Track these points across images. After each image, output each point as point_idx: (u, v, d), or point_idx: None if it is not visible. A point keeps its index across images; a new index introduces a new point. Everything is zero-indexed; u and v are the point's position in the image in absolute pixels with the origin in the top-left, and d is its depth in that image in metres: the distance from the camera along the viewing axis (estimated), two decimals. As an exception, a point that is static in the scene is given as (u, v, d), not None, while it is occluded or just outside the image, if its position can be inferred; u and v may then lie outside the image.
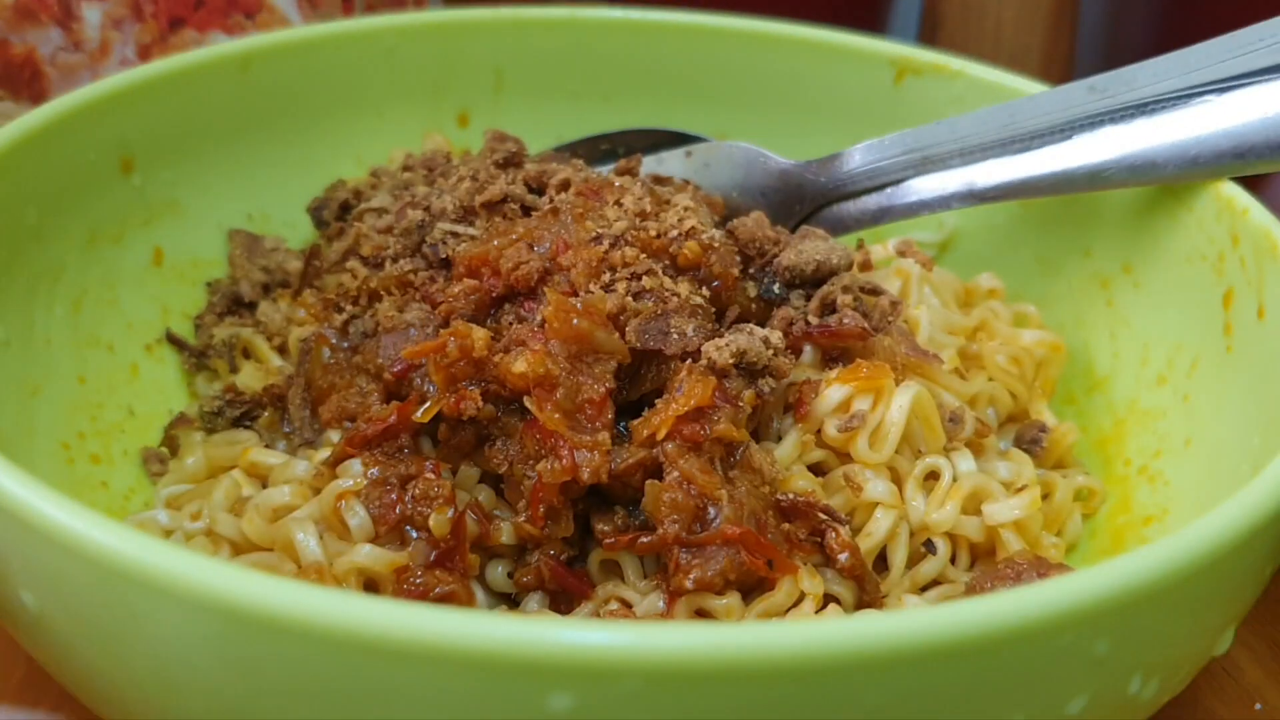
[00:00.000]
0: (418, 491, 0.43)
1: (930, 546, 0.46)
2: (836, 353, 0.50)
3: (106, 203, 0.53)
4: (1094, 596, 0.28)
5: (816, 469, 0.48)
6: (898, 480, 0.47)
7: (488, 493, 0.45)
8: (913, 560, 0.47)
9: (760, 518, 0.43)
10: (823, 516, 0.44)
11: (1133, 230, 0.55)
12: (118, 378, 0.52)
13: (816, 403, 0.47)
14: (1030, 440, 0.52)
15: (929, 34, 0.98)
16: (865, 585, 0.44)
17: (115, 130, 0.53)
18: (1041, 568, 0.44)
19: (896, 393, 0.46)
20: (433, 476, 0.43)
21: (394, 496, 0.43)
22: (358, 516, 0.43)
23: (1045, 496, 0.49)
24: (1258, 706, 0.46)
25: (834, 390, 0.47)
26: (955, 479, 0.47)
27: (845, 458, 0.47)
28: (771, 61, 0.65)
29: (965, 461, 0.48)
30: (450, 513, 0.42)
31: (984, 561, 0.48)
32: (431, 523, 0.42)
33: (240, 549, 0.45)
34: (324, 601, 0.27)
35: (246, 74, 0.58)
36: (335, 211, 0.59)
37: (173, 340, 0.55)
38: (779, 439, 0.48)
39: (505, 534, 0.44)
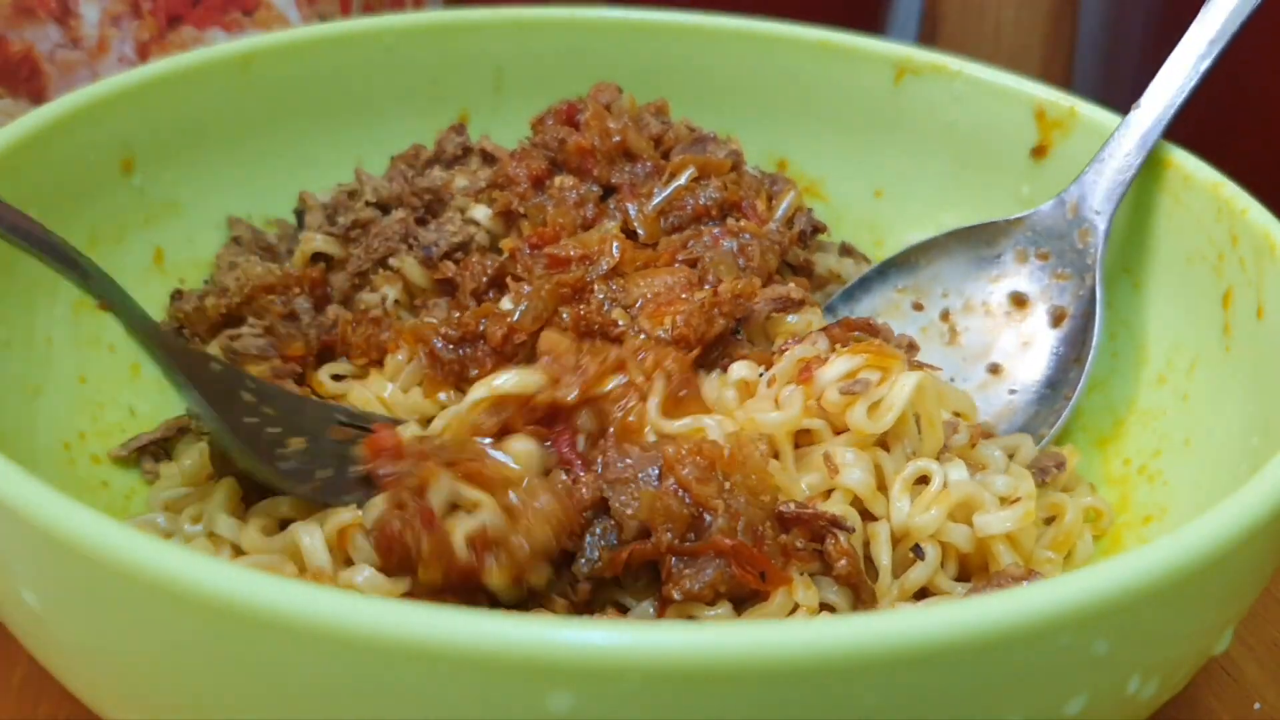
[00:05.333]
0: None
1: (919, 552, 0.45)
2: (846, 342, 0.49)
3: (107, 203, 0.53)
4: (1093, 596, 0.28)
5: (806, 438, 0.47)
6: (884, 482, 0.46)
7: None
8: (902, 566, 0.46)
9: (758, 528, 0.42)
10: (825, 525, 0.43)
11: (1133, 231, 0.55)
12: (119, 378, 0.52)
13: (823, 369, 0.46)
14: (1041, 469, 0.51)
15: (929, 34, 0.98)
16: (861, 593, 0.43)
17: (116, 131, 0.53)
18: (1028, 571, 0.44)
19: (905, 374, 0.46)
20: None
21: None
22: (361, 551, 0.42)
23: (1053, 519, 0.49)
24: (1257, 706, 0.46)
25: (843, 360, 0.46)
26: (945, 485, 0.46)
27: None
28: (771, 61, 0.65)
29: (957, 470, 0.47)
30: None
31: (978, 577, 0.47)
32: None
33: (241, 551, 0.45)
34: (324, 602, 0.27)
35: (247, 74, 0.58)
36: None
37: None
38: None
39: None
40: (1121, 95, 0.55)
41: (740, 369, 0.49)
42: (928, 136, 0.63)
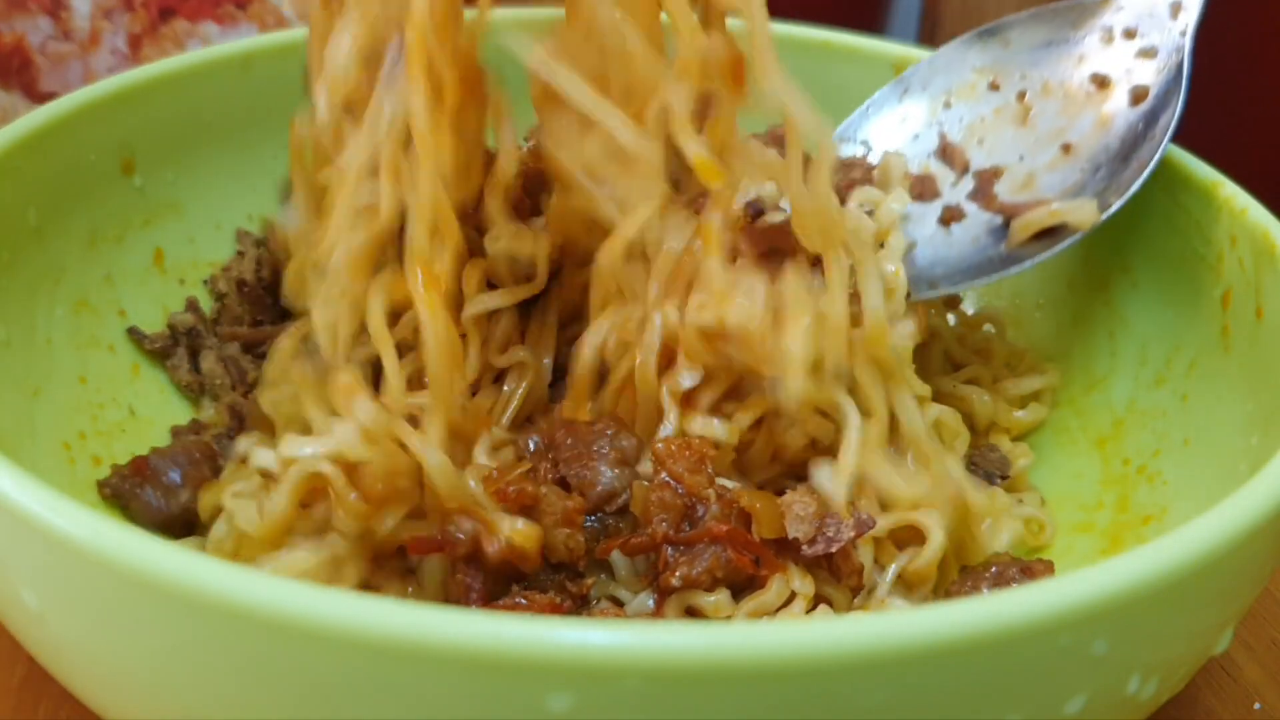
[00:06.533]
0: None
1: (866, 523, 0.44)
2: None
3: (107, 203, 0.53)
4: (1092, 596, 0.28)
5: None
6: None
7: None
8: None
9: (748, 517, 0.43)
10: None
11: (1132, 231, 0.55)
12: (119, 378, 0.52)
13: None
14: (987, 473, 0.51)
15: (929, 34, 0.98)
16: (842, 577, 0.44)
17: (116, 131, 0.53)
18: (1023, 566, 0.44)
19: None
20: None
21: None
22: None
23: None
24: (1257, 706, 0.46)
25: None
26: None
27: None
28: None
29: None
30: None
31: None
32: None
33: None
34: (324, 601, 0.27)
35: (248, 74, 0.58)
36: None
37: (135, 336, 0.54)
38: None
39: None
40: (1121, 95, 0.55)
41: None
42: (927, 136, 0.63)
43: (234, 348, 0.55)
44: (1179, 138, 0.53)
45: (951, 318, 0.59)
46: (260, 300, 0.58)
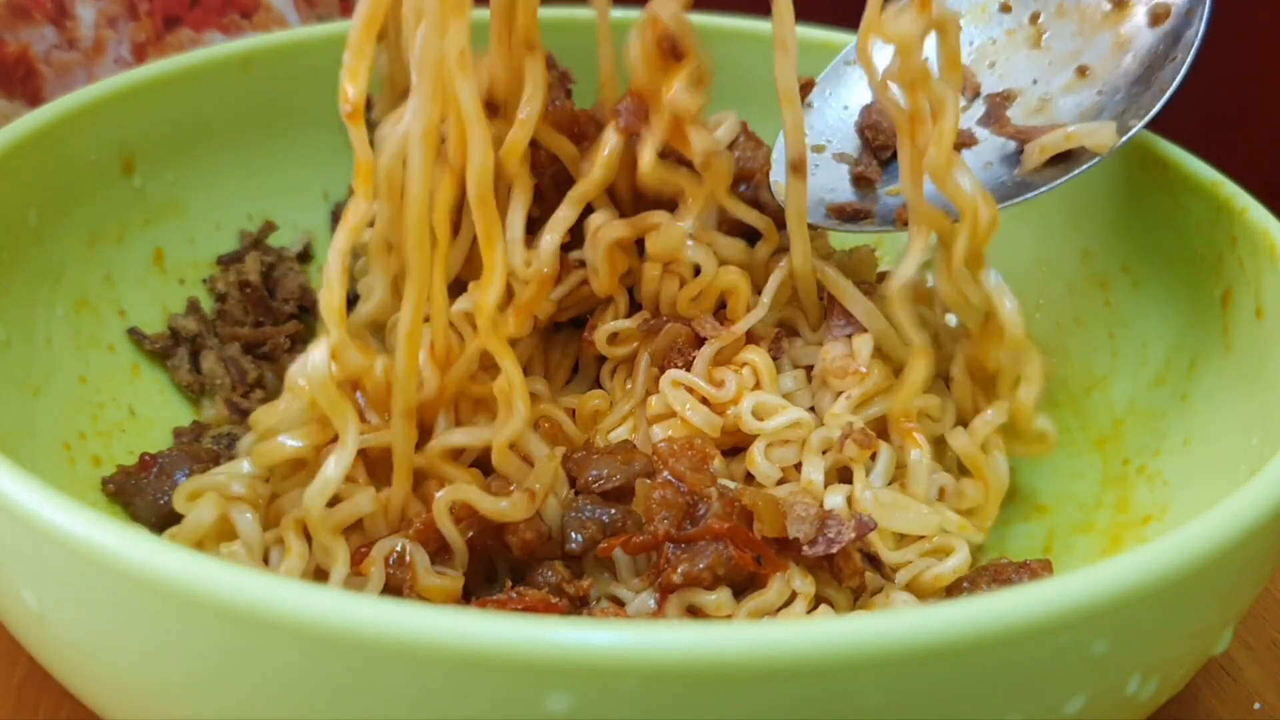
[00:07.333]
0: None
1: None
2: None
3: (107, 203, 0.53)
4: (1093, 596, 0.28)
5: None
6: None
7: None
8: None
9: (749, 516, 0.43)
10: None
11: (1132, 231, 0.55)
12: (119, 378, 0.52)
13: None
14: None
15: (929, 34, 0.98)
16: (843, 579, 0.44)
17: (116, 131, 0.53)
18: (1023, 566, 0.44)
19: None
20: None
21: None
22: None
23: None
24: (1257, 706, 0.46)
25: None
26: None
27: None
28: (772, 61, 0.65)
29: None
30: None
31: None
32: None
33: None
34: (322, 601, 0.27)
35: (247, 74, 0.58)
36: None
37: (136, 337, 0.54)
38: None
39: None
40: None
41: None
42: (927, 136, 0.63)
43: (234, 348, 0.55)
44: (1180, 140, 0.53)
45: (953, 319, 0.59)
46: (262, 301, 0.58)
